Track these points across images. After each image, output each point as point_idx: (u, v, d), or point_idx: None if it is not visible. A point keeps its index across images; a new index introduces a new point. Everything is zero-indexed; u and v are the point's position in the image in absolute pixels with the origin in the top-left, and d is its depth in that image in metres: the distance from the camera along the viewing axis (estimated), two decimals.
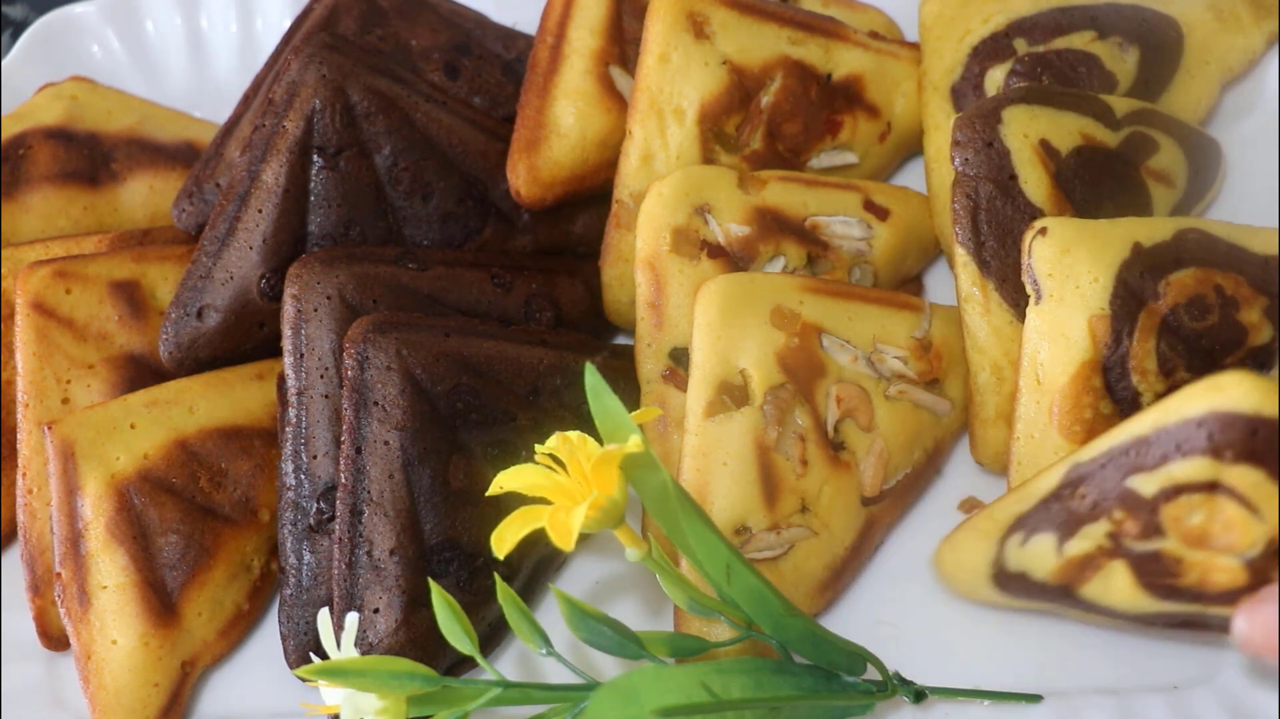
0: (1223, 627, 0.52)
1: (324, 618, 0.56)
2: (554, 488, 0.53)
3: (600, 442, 0.52)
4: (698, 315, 0.63)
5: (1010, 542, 0.57)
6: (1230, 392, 0.48)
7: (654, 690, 0.52)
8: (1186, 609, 0.53)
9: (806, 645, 0.58)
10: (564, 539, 0.50)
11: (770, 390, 0.62)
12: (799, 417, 0.62)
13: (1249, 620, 0.47)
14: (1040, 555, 0.56)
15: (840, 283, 0.67)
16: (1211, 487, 0.49)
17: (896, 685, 0.58)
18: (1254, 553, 0.49)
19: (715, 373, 0.62)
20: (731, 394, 0.62)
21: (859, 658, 0.58)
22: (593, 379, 0.54)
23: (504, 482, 0.54)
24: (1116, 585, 0.54)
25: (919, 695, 0.59)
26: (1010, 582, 0.58)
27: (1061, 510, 0.54)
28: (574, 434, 0.53)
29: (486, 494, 0.55)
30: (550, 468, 0.53)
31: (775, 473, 0.61)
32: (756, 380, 0.62)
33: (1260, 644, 0.47)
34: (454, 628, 0.54)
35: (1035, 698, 0.60)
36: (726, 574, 0.55)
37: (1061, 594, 0.56)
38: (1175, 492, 0.50)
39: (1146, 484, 0.50)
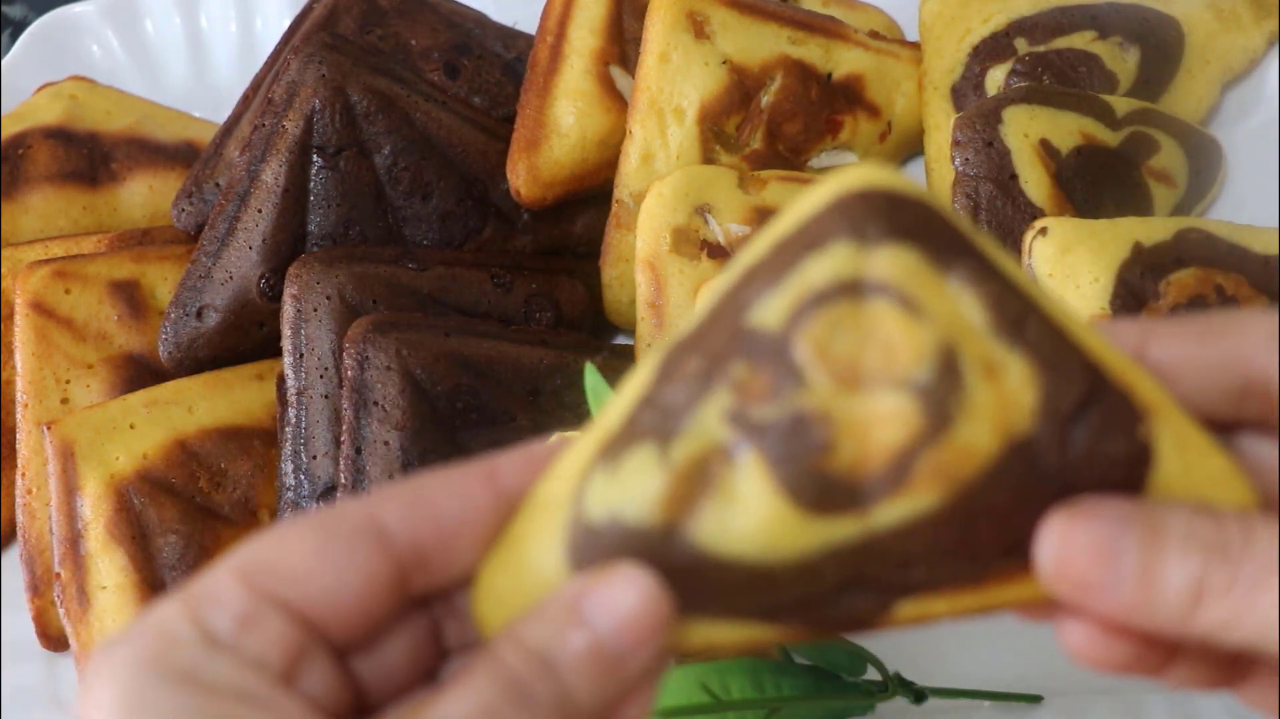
0: (887, 576, 0.35)
1: None
2: None
3: None
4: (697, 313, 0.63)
5: (591, 484, 0.36)
6: (860, 173, 0.36)
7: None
8: (847, 536, 0.35)
9: (806, 645, 0.58)
10: None
11: None
12: None
13: (1064, 539, 0.30)
14: (637, 479, 0.35)
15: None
16: (856, 289, 0.35)
17: (896, 686, 0.58)
18: (923, 373, 0.34)
19: None
20: None
21: (859, 658, 0.58)
22: (593, 379, 0.54)
23: None
24: (747, 501, 0.35)
25: (919, 696, 0.59)
26: (598, 552, 0.35)
27: (662, 406, 0.37)
28: (574, 434, 0.53)
29: None
30: None
31: None
32: None
33: (1078, 577, 0.31)
34: None
35: (1036, 698, 0.60)
36: None
37: (667, 546, 0.35)
38: (812, 303, 0.35)
39: (772, 310, 0.35)
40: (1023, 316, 0.34)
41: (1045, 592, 0.34)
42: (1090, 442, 0.32)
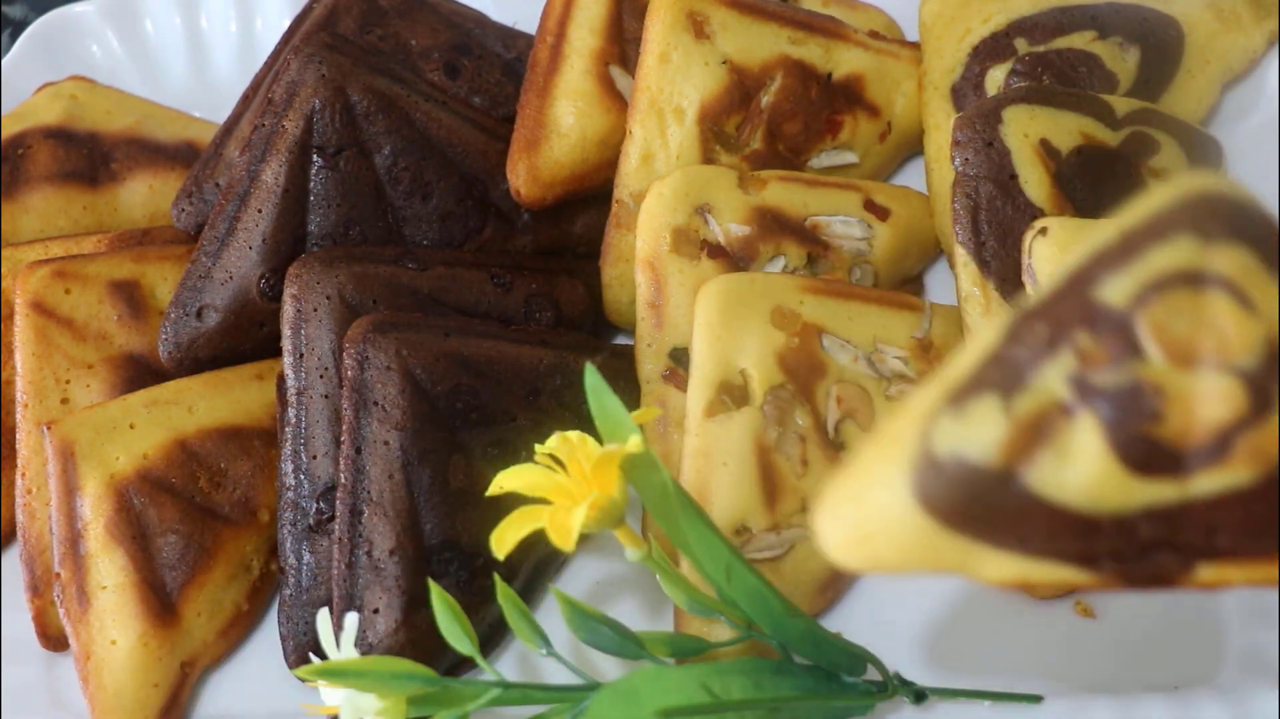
0: (1195, 540, 0.41)
1: (323, 618, 0.56)
2: (554, 488, 0.53)
3: (600, 441, 0.52)
4: (698, 315, 0.63)
5: (938, 423, 0.42)
6: (1206, 178, 0.43)
7: (654, 691, 0.52)
8: (1164, 498, 0.41)
9: (807, 646, 0.58)
10: (564, 539, 0.50)
11: (771, 390, 0.62)
12: (799, 417, 0.62)
13: None
14: (980, 423, 0.42)
15: (840, 283, 0.67)
16: (1196, 279, 0.41)
17: (897, 686, 0.58)
18: (1251, 361, 0.40)
19: (715, 373, 0.62)
20: (732, 394, 0.62)
21: (859, 659, 0.58)
22: (593, 379, 0.54)
23: (504, 482, 0.54)
24: (1080, 456, 0.41)
25: (919, 696, 0.59)
26: (940, 484, 0.42)
27: (1008, 363, 0.42)
28: (574, 434, 0.53)
29: (487, 494, 0.55)
30: (550, 468, 0.53)
31: (776, 473, 0.61)
32: (757, 380, 0.62)
33: None
34: (454, 628, 0.54)
35: (1036, 698, 0.60)
36: (727, 574, 0.55)
37: (1003, 486, 0.41)
38: (1155, 287, 0.41)
39: (1119, 288, 0.41)
40: None
41: None
42: None
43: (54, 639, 0.66)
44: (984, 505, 0.42)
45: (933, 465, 0.42)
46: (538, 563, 0.65)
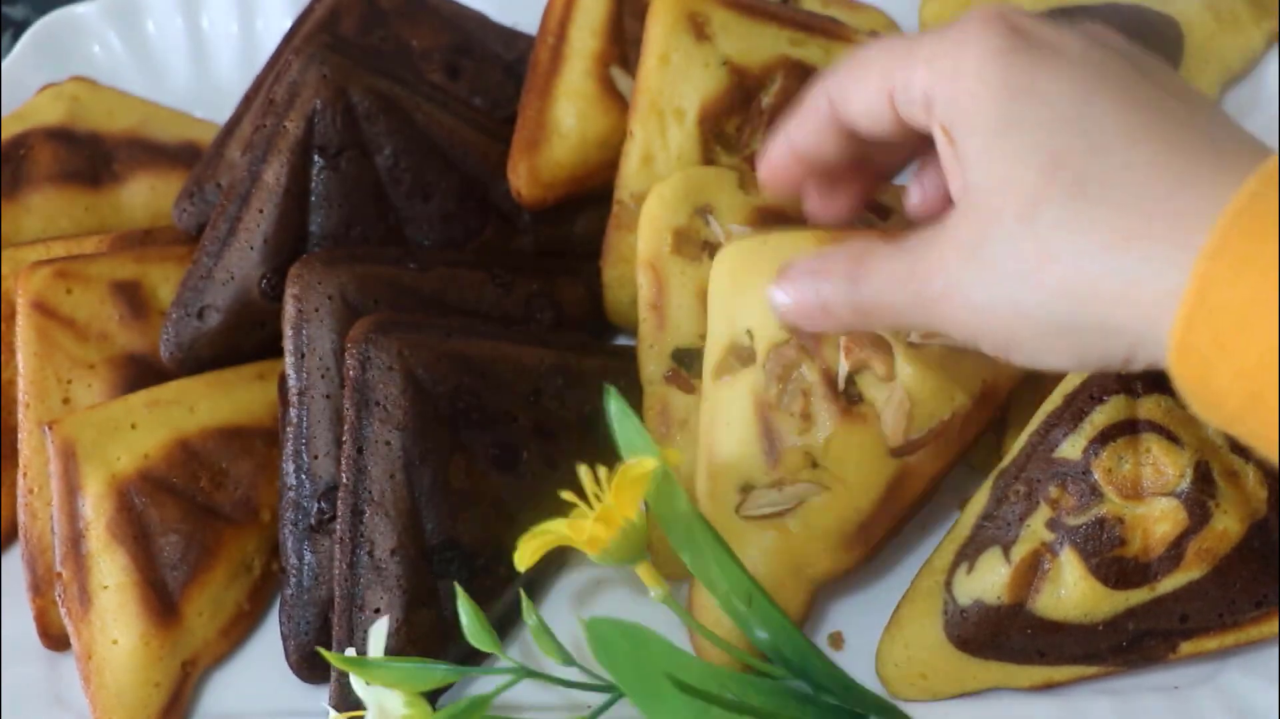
0: (1172, 626, 0.52)
1: (376, 629, 0.55)
2: (575, 516, 0.53)
3: (611, 460, 0.52)
4: (711, 281, 0.62)
5: (956, 578, 0.56)
6: None
7: (670, 665, 0.51)
8: (1140, 599, 0.52)
9: (833, 683, 0.56)
10: (591, 545, 0.50)
11: (773, 348, 0.60)
12: (806, 372, 0.60)
13: (786, 292, 0.50)
14: (989, 571, 0.55)
15: (861, 233, 0.61)
16: (1132, 425, 0.52)
17: None
18: (1185, 484, 0.51)
19: (723, 336, 0.61)
20: (739, 356, 0.61)
21: (889, 708, 0.56)
22: (616, 404, 0.53)
23: (529, 536, 0.53)
24: (1069, 583, 0.53)
25: None
26: (968, 627, 0.55)
27: (1000, 520, 0.55)
28: (602, 472, 0.52)
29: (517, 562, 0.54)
30: (574, 502, 0.53)
31: (776, 430, 0.59)
32: (759, 339, 0.60)
33: (798, 314, 0.50)
34: (475, 627, 0.55)
35: None
36: (749, 602, 0.53)
37: (1017, 616, 0.54)
38: (1102, 440, 0.53)
39: (1074, 445, 0.53)
40: None
41: None
42: None
43: (55, 638, 0.66)
44: (1004, 635, 0.54)
45: (959, 612, 0.55)
46: (538, 563, 0.65)
